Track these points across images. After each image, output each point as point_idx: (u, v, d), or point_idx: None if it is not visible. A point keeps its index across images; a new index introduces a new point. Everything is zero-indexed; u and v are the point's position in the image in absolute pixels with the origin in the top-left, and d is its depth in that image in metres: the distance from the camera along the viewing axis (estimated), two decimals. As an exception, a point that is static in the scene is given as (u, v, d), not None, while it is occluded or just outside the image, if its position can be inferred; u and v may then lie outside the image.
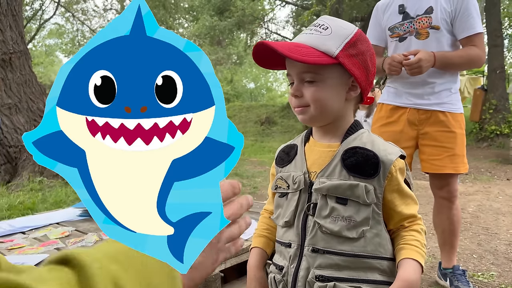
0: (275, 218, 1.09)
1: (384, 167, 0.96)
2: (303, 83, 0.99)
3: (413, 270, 0.92)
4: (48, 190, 4.54)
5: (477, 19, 2.07)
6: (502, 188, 5.30)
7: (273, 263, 1.07)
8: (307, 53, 0.94)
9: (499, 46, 9.96)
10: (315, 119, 1.01)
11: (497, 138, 9.25)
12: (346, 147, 1.00)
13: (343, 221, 0.95)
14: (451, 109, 2.15)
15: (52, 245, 1.70)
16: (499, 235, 3.35)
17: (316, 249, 0.96)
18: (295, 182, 1.02)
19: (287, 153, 1.11)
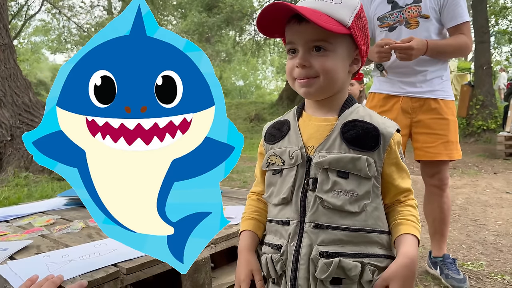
0: (268, 196, 1.05)
1: (384, 140, 0.95)
2: (309, 52, 0.95)
3: (414, 246, 0.92)
4: (34, 185, 4.46)
5: (464, 7, 2.08)
6: (489, 181, 5.36)
7: (267, 244, 1.02)
8: (326, 20, 0.90)
9: (486, 42, 10.07)
10: (322, 91, 0.97)
11: (484, 133, 9.36)
12: (345, 120, 0.97)
13: (346, 195, 0.92)
14: (443, 96, 2.15)
15: (36, 232, 1.65)
16: (487, 226, 3.38)
17: (318, 225, 0.92)
18: (291, 157, 0.98)
19: (278, 129, 1.06)
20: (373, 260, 0.92)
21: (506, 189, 4.81)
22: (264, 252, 1.02)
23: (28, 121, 5.15)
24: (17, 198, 3.93)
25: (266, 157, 1.06)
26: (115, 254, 1.39)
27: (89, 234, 1.66)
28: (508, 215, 3.68)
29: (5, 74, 5.14)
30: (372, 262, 0.91)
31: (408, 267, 0.88)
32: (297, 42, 0.95)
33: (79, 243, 1.54)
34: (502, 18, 15.96)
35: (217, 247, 1.53)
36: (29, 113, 5.21)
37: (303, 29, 0.93)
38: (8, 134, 5.00)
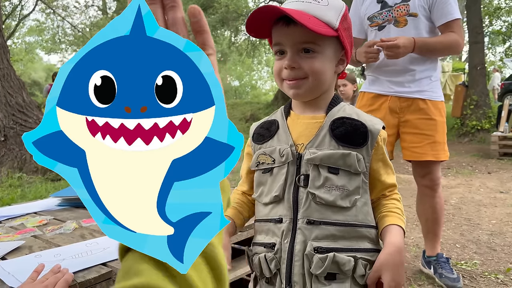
0: (258, 196, 1.05)
1: (372, 136, 0.97)
2: (298, 54, 0.96)
3: (400, 235, 0.95)
4: (27, 186, 4.44)
5: (454, 5, 2.08)
6: (483, 181, 5.39)
7: (258, 244, 1.03)
8: (314, 22, 0.91)
9: (480, 43, 10.11)
10: (311, 92, 0.99)
11: (478, 133, 9.40)
12: (333, 118, 0.99)
13: (337, 191, 0.94)
14: (431, 96, 2.16)
15: (28, 233, 1.64)
16: (481, 225, 3.40)
17: (311, 221, 0.93)
18: (282, 154, 0.99)
19: (266, 129, 1.07)
20: (365, 254, 0.94)
21: (500, 189, 4.83)
22: (255, 252, 1.03)
23: (21, 121, 5.12)
24: (10, 198, 3.91)
25: (255, 156, 1.06)
26: (107, 253, 1.39)
27: (82, 235, 1.65)
28: (502, 214, 3.70)
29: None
30: (364, 257, 0.94)
31: (396, 254, 0.91)
32: (286, 43, 0.97)
33: (72, 243, 1.53)
34: (496, 19, 16.08)
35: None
36: (22, 113, 5.18)
37: (291, 31, 0.94)
38: (1, 135, 4.97)
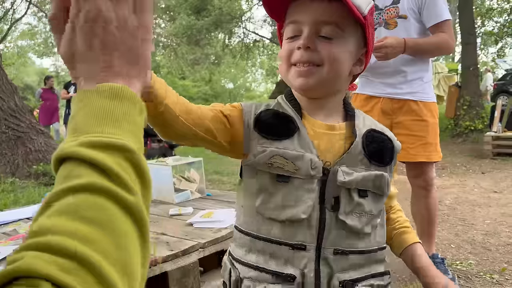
0: (260, 205, 0.83)
1: (396, 152, 0.90)
2: (316, 35, 0.80)
3: (426, 254, 0.95)
4: (20, 191, 4.40)
5: (443, 6, 2.10)
6: (477, 181, 5.41)
7: (261, 269, 0.82)
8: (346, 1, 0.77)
9: (472, 44, 10.17)
10: (322, 85, 0.83)
11: (472, 133, 9.44)
12: (364, 131, 0.86)
13: (365, 217, 0.83)
14: (423, 98, 2.17)
15: (21, 239, 1.62)
16: (476, 225, 3.41)
17: (339, 251, 0.81)
18: (314, 166, 0.80)
19: (282, 124, 0.85)
20: (378, 280, 0.87)
21: (494, 189, 4.85)
22: (247, 276, 0.83)
23: (14, 125, 5.08)
24: (3, 204, 3.87)
25: (267, 154, 0.81)
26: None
27: (75, 240, 1.64)
28: (496, 214, 3.71)
29: (-10, 78, 5.08)
30: (379, 283, 0.86)
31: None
32: (304, 21, 0.81)
33: (65, 248, 1.52)
34: (488, 20, 16.20)
35: (206, 251, 1.52)
36: (15, 117, 5.14)
37: (315, 6, 0.80)
38: (-7, 139, 4.94)
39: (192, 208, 2.08)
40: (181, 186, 2.42)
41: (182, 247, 1.48)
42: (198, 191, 2.49)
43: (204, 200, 2.37)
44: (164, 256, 1.39)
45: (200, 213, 1.96)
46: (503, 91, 12.53)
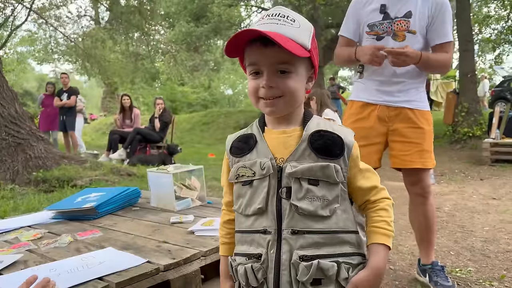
0: (238, 208, 1.09)
1: (347, 147, 1.03)
2: (275, 74, 1.00)
3: (382, 256, 1.02)
4: (20, 197, 4.39)
5: (450, 27, 2.15)
6: (476, 187, 5.42)
7: (242, 254, 1.06)
8: (292, 44, 0.96)
9: (470, 51, 10.23)
10: (286, 109, 1.04)
11: (470, 140, 9.47)
12: (311, 131, 1.04)
13: (318, 201, 0.99)
14: (419, 106, 2.20)
15: (23, 247, 1.63)
16: (475, 232, 3.42)
17: (295, 231, 0.98)
18: (263, 167, 1.02)
19: (245, 142, 1.10)
20: (347, 258, 1.00)
21: (493, 195, 4.87)
22: (239, 262, 1.06)
23: (14, 132, 5.09)
24: (3, 211, 3.86)
25: (234, 169, 1.09)
26: (103, 267, 1.39)
27: (77, 248, 1.65)
28: (495, 221, 3.72)
29: (-9, 85, 5.09)
30: (346, 261, 0.99)
31: (374, 277, 1.00)
32: (262, 64, 1.01)
33: (67, 257, 1.53)
34: (485, 27, 16.29)
35: (207, 259, 1.53)
36: (15, 124, 5.14)
37: (269, 52, 0.98)
38: (-7, 146, 4.93)
39: (193, 216, 2.09)
40: (182, 194, 2.43)
41: (184, 255, 1.49)
42: (199, 198, 2.50)
43: (205, 208, 2.38)
44: (166, 264, 1.40)
45: (201, 221, 1.97)
46: (501, 97, 12.60)
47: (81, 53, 16.68)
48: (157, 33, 18.57)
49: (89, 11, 19.19)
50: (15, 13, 16.01)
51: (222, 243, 1.21)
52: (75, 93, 9.04)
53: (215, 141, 14.87)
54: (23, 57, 26.59)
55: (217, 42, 19.71)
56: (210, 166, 7.08)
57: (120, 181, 5.12)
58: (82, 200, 2.33)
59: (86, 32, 17.58)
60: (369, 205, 1.09)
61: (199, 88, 29.14)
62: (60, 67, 23.44)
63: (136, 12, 15.31)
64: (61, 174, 4.90)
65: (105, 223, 2.08)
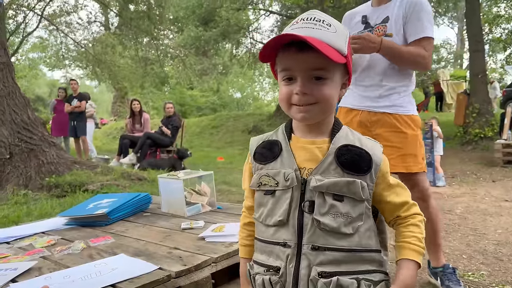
0: (258, 217, 1.06)
1: (375, 164, 1.00)
2: (309, 80, 0.97)
3: (411, 272, 0.99)
4: (33, 203, 4.44)
5: (426, 23, 2.12)
6: (488, 189, 5.36)
7: (261, 264, 1.04)
8: (329, 50, 0.93)
9: (480, 51, 10.14)
10: (318, 117, 1.01)
11: (481, 141, 9.37)
12: (338, 145, 1.00)
13: (342, 218, 0.96)
14: (399, 111, 2.18)
15: (37, 254, 1.66)
16: (487, 235, 3.38)
17: (316, 247, 0.95)
18: (287, 179, 0.99)
19: (269, 149, 1.06)
20: (367, 275, 0.97)
21: (505, 197, 4.81)
22: (257, 272, 1.04)
23: (26, 138, 5.16)
24: (16, 216, 3.91)
25: (256, 177, 1.06)
26: (116, 273, 1.40)
27: (90, 255, 1.67)
28: (508, 223, 3.68)
29: (4, 92, 5.16)
30: (367, 277, 0.96)
31: None
32: (297, 69, 0.97)
33: (80, 264, 1.55)
34: (496, 26, 16.12)
35: (218, 265, 1.54)
36: (27, 130, 5.21)
37: (304, 57, 0.95)
38: (7, 152, 5.00)
39: (203, 222, 2.11)
40: (192, 199, 2.45)
41: (195, 262, 1.50)
42: (209, 204, 2.51)
43: (215, 214, 2.40)
44: (177, 271, 1.42)
45: (212, 226, 1.98)
46: (512, 97, 12.42)
47: (92, 58, 16.84)
48: (166, 37, 18.68)
49: (99, 17, 19.39)
50: (26, 20, 16.23)
51: (242, 245, 1.18)
52: (84, 98, 9.14)
53: (224, 144, 14.90)
54: (34, 63, 26.93)
55: (226, 46, 19.76)
56: (219, 169, 7.11)
57: (131, 186, 5.16)
58: (94, 207, 2.36)
59: (96, 38, 17.75)
60: (399, 221, 1.06)
61: (208, 92, 29.23)
62: (71, 73, 23.68)
63: (145, 17, 15.41)
64: (73, 179, 4.95)
65: (117, 229, 2.11)
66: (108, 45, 16.39)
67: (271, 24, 22.99)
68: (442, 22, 20.56)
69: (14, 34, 16.93)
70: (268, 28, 24.66)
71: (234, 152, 12.34)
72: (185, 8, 17.17)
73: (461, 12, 16.92)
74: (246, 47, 19.25)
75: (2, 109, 5.10)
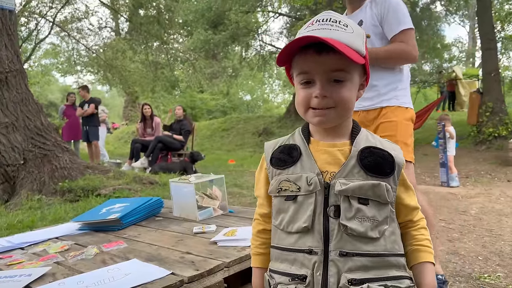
0: (278, 224, 1.02)
1: (398, 166, 0.99)
2: (329, 82, 0.95)
3: (434, 275, 0.99)
4: (47, 208, 4.49)
5: (402, 17, 2.12)
6: (503, 189, 5.29)
7: (283, 273, 0.98)
8: (348, 51, 0.91)
9: (493, 49, 10.02)
10: (336, 121, 0.99)
11: (495, 140, 9.25)
12: (360, 147, 0.99)
13: (368, 222, 0.94)
14: (391, 103, 2.20)
15: (51, 259, 1.67)
16: (503, 236, 3.33)
17: (344, 253, 0.92)
18: (310, 183, 0.96)
19: (288, 154, 1.03)
20: (395, 282, 0.94)
21: (521, 197, 4.74)
22: (279, 282, 0.98)
23: (40, 144, 5.21)
24: (30, 221, 3.96)
25: (275, 182, 1.02)
26: (129, 279, 1.41)
27: (103, 260, 1.68)
28: (524, 224, 3.62)
29: (17, 99, 5.23)
30: (395, 284, 0.94)
31: None
32: (316, 72, 0.95)
33: (94, 269, 1.55)
34: (508, 24, 15.90)
35: (230, 270, 1.53)
36: (41, 136, 5.27)
37: (323, 59, 0.93)
38: (21, 158, 5.06)
39: (215, 226, 2.10)
40: (204, 203, 2.45)
41: (207, 267, 1.49)
42: (221, 208, 2.51)
43: (227, 217, 2.39)
44: (190, 276, 1.41)
45: (224, 230, 1.98)
46: (526, 95, 12.23)
47: (103, 64, 17.00)
48: (175, 41, 18.79)
49: (110, 22, 19.57)
50: (38, 27, 16.46)
51: (256, 254, 1.12)
52: (95, 102, 9.25)
53: (235, 147, 14.92)
54: (47, 70, 27.28)
55: (235, 49, 19.81)
56: (230, 172, 7.12)
57: (143, 190, 5.19)
58: (107, 211, 2.38)
59: (107, 43, 17.93)
60: (410, 224, 1.04)
61: (218, 95, 29.31)
62: (82, 78, 23.97)
63: (155, 22, 15.51)
64: (86, 184, 5.00)
65: (129, 234, 2.12)
66: (118, 50, 16.54)
67: (280, 26, 22.98)
68: (453, 20, 20.31)
69: (27, 41, 17.18)
70: (277, 30, 24.67)
71: (245, 154, 12.36)
72: (194, 12, 17.26)
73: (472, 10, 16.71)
74: (256, 50, 19.27)
75: (15, 115, 5.16)
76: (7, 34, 5.28)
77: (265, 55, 19.02)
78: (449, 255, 2.92)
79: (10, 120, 5.10)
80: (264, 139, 14.90)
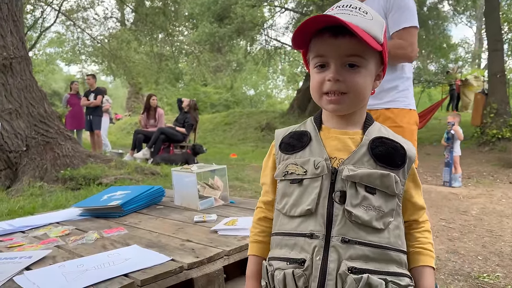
0: (282, 208, 0.99)
1: (409, 159, 0.98)
2: (343, 67, 0.93)
3: (433, 279, 0.97)
4: (48, 195, 4.50)
5: (406, 14, 2.07)
6: (505, 191, 5.28)
7: (282, 259, 0.95)
8: (365, 36, 0.90)
9: (499, 50, 9.97)
10: (350, 108, 0.97)
11: (499, 142, 9.22)
12: (372, 137, 0.97)
13: (374, 211, 0.92)
14: (396, 105, 2.16)
15: (52, 243, 1.68)
16: (504, 237, 3.33)
17: (346, 240, 0.90)
18: (317, 167, 0.94)
19: (297, 139, 1.02)
20: (395, 278, 0.91)
21: (522, 199, 4.73)
22: (278, 267, 0.95)
23: (43, 131, 5.22)
24: (31, 207, 3.97)
25: (283, 166, 1.00)
26: (129, 264, 1.41)
27: (103, 245, 1.68)
28: (525, 225, 3.61)
29: (21, 85, 5.23)
30: (394, 280, 0.90)
31: None
32: (331, 55, 0.94)
33: (94, 254, 1.56)
34: (515, 26, 15.81)
35: (230, 258, 1.53)
36: (44, 123, 5.28)
37: (339, 42, 0.92)
38: (23, 145, 5.07)
39: (216, 215, 2.11)
40: (205, 193, 2.45)
41: (207, 254, 1.50)
42: (222, 198, 2.51)
43: (228, 208, 2.39)
44: (190, 263, 1.41)
45: (224, 220, 1.98)
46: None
47: (107, 54, 17.01)
48: (181, 34, 18.76)
49: (115, 13, 19.54)
50: (44, 15, 16.45)
51: (253, 241, 1.09)
52: (101, 92, 9.25)
53: (237, 141, 14.92)
54: (51, 58, 27.28)
55: (240, 43, 19.75)
56: (232, 166, 7.12)
57: (144, 180, 5.20)
58: (108, 198, 2.38)
59: (112, 34, 17.92)
60: (415, 225, 1.02)
61: (221, 89, 29.29)
62: (87, 68, 23.97)
63: (161, 13, 15.47)
64: (88, 172, 5.01)
65: (130, 221, 2.12)
66: (123, 40, 16.53)
67: (286, 21, 22.89)
68: (460, 21, 20.20)
69: (32, 29, 17.17)
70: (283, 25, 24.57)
71: (247, 149, 12.35)
72: (200, 5, 17.20)
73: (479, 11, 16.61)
74: (261, 44, 19.22)
75: (19, 102, 5.17)
76: (13, 20, 5.28)
77: (270, 50, 18.97)
78: (448, 254, 2.92)
79: (13, 106, 5.10)
80: (266, 134, 14.89)
